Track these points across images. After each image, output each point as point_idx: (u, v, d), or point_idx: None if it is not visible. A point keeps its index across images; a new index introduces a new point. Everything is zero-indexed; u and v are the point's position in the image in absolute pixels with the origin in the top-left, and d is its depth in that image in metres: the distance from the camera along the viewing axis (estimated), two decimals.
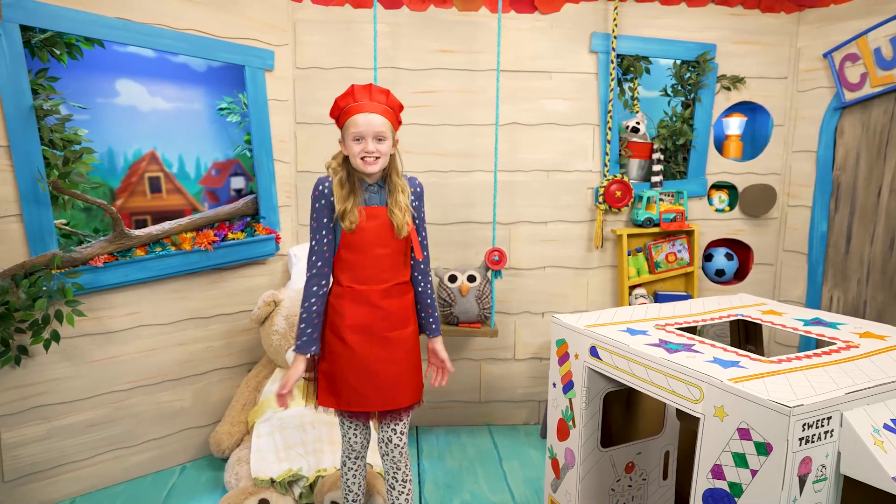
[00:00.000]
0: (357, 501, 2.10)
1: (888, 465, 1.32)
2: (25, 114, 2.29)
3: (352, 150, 1.83)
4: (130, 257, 2.56)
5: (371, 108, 1.82)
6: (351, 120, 1.82)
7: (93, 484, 2.61)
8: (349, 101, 1.84)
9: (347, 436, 2.04)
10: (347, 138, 1.83)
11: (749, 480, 1.41)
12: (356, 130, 1.81)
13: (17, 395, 2.40)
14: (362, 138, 1.81)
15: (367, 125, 1.80)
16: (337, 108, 1.88)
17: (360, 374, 1.89)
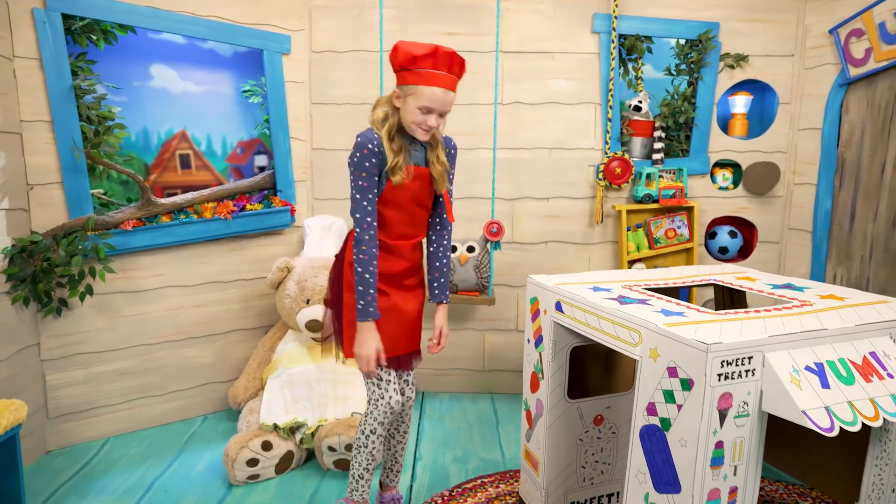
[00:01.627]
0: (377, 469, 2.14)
1: (799, 400, 1.41)
2: (66, 93, 2.58)
3: (413, 115, 1.72)
4: (157, 223, 2.84)
5: (450, 84, 1.71)
6: (428, 90, 1.68)
7: (123, 427, 2.91)
8: (429, 64, 1.68)
9: (388, 393, 1.90)
10: (413, 101, 1.70)
11: (676, 415, 1.52)
12: (430, 104, 1.70)
13: (58, 343, 2.71)
14: (430, 112, 1.72)
15: (442, 101, 1.71)
16: (412, 62, 1.68)
17: (395, 321, 1.89)
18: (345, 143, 3.30)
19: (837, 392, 1.47)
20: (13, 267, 2.46)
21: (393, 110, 1.78)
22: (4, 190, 2.44)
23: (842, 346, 1.58)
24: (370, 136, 1.75)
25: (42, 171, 2.59)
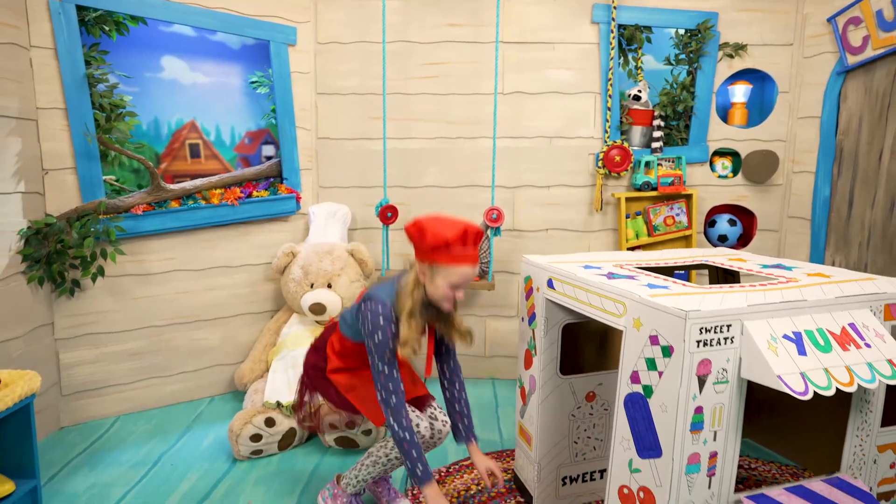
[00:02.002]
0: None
1: (775, 365, 1.45)
2: (79, 81, 2.68)
3: (443, 291, 1.79)
4: (166, 208, 2.93)
5: (475, 259, 1.81)
6: (458, 269, 1.77)
7: (133, 406, 3.01)
8: (459, 245, 1.76)
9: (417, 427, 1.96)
10: (442, 278, 1.77)
11: (657, 382, 1.57)
12: (460, 281, 1.78)
13: (71, 323, 2.81)
14: (459, 287, 1.80)
15: (469, 277, 1.80)
16: (444, 244, 1.75)
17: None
18: (349, 132, 3.38)
19: (814, 359, 1.51)
20: (29, 248, 2.56)
21: (417, 287, 1.81)
22: (21, 174, 2.54)
23: (821, 316, 1.62)
24: (388, 316, 1.79)
25: (56, 156, 2.69)
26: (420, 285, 1.81)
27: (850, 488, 1.68)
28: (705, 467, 1.57)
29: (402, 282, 1.85)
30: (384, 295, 1.82)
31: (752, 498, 1.60)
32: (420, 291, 1.81)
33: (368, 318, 1.79)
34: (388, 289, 1.85)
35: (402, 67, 3.29)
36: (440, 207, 3.36)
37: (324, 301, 2.97)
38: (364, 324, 1.81)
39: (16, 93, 2.51)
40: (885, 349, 1.60)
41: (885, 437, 1.78)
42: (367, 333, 1.80)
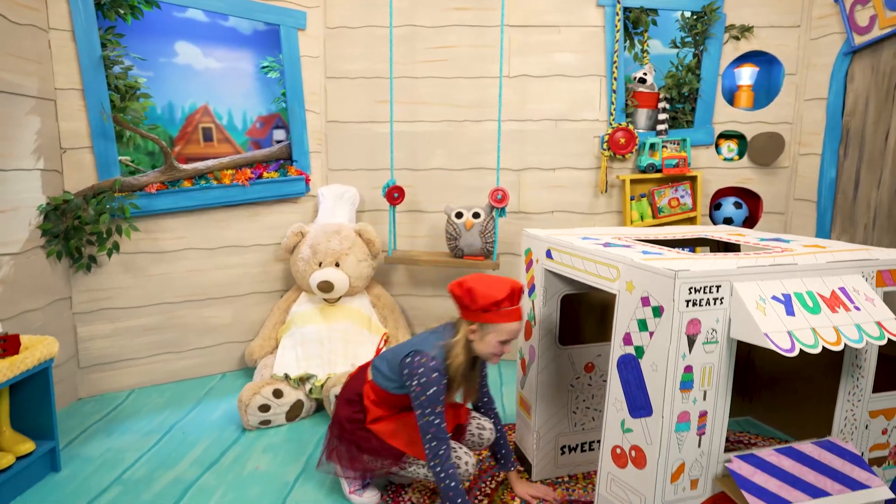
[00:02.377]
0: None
1: (763, 324, 1.49)
2: (96, 63, 2.77)
3: (493, 348, 1.87)
4: (179, 187, 3.02)
5: (521, 314, 1.89)
6: (507, 326, 1.85)
7: (147, 380, 3.10)
8: (508, 304, 1.85)
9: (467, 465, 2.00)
10: (493, 336, 1.86)
11: (648, 342, 1.61)
12: (510, 336, 1.87)
13: (88, 298, 2.91)
14: (508, 343, 1.89)
15: (518, 332, 1.89)
16: (495, 304, 1.83)
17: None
18: (357, 116, 3.44)
19: (802, 319, 1.54)
20: (47, 223, 2.65)
21: (468, 345, 1.89)
22: (40, 152, 2.64)
23: (811, 280, 1.65)
24: (440, 371, 1.85)
25: (74, 135, 2.78)
26: (469, 342, 1.89)
27: (839, 450, 1.71)
28: (695, 426, 1.61)
29: (451, 340, 1.90)
30: (433, 350, 1.88)
31: (741, 457, 1.64)
32: (467, 350, 1.90)
33: (421, 372, 1.84)
34: (435, 343, 1.91)
35: (410, 51, 3.34)
36: (447, 190, 3.41)
37: (331, 279, 3.04)
38: (413, 377, 1.85)
39: (35, 73, 2.60)
40: (875, 312, 1.62)
41: (877, 404, 1.80)
42: (419, 386, 1.83)
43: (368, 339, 3.08)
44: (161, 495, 2.13)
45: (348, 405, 2.07)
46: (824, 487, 1.62)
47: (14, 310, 2.49)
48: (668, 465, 1.60)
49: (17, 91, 2.52)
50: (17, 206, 2.52)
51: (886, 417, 1.82)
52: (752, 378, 2.76)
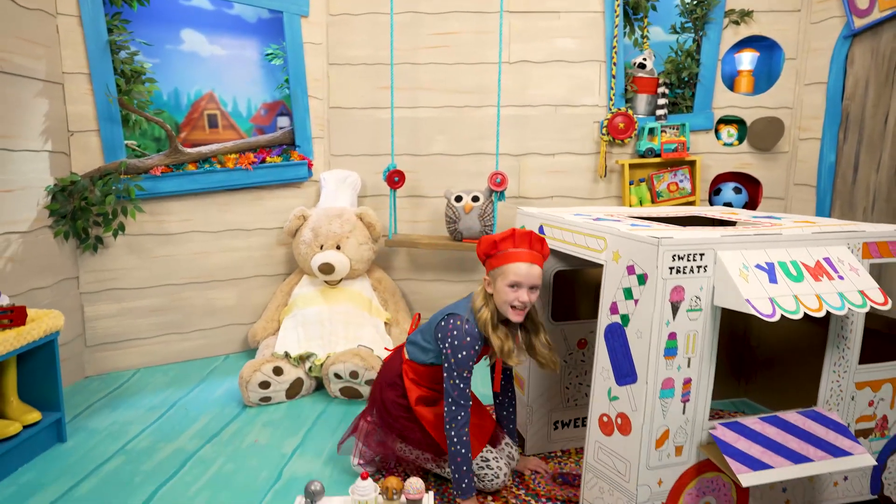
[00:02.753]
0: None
1: (744, 290, 1.51)
2: (102, 48, 2.83)
3: (504, 296, 1.80)
4: (183, 170, 3.08)
5: (532, 258, 1.81)
6: (511, 267, 1.79)
7: (152, 360, 3.17)
8: (509, 245, 1.82)
9: (500, 477, 1.97)
10: (501, 281, 1.81)
11: (633, 310, 1.63)
12: (516, 279, 1.79)
13: (95, 278, 2.97)
14: (519, 287, 1.80)
15: (527, 275, 1.79)
16: (494, 247, 1.83)
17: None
18: (359, 102, 3.48)
19: (784, 287, 1.56)
20: (55, 203, 2.72)
21: (488, 299, 1.86)
22: (48, 134, 2.71)
23: (796, 250, 1.67)
24: (474, 334, 1.82)
25: (81, 119, 2.85)
26: (489, 297, 1.86)
27: (824, 419, 1.73)
28: (679, 393, 1.63)
29: (473, 298, 1.90)
30: (465, 312, 1.87)
31: (725, 424, 1.66)
32: (491, 303, 1.85)
33: (454, 334, 1.82)
34: (465, 306, 1.90)
35: (411, 38, 3.38)
36: (447, 175, 3.45)
37: (332, 261, 3.09)
38: (446, 339, 1.84)
39: (43, 57, 2.67)
40: (858, 281, 1.64)
41: (864, 375, 1.81)
42: (451, 348, 1.82)
43: (369, 321, 3.13)
44: (162, 465, 2.19)
45: (391, 389, 2.03)
46: (806, 454, 1.64)
47: (22, 286, 2.56)
48: (653, 432, 1.63)
49: (26, 74, 2.58)
50: (25, 187, 2.59)
51: (873, 389, 1.83)
52: (748, 360, 2.77)
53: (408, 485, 1.58)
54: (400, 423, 2.01)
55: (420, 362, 2.01)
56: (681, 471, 1.68)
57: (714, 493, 1.73)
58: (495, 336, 1.83)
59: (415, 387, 2.02)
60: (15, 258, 2.53)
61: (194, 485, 2.06)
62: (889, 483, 1.92)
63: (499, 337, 1.84)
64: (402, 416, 2.01)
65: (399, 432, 2.02)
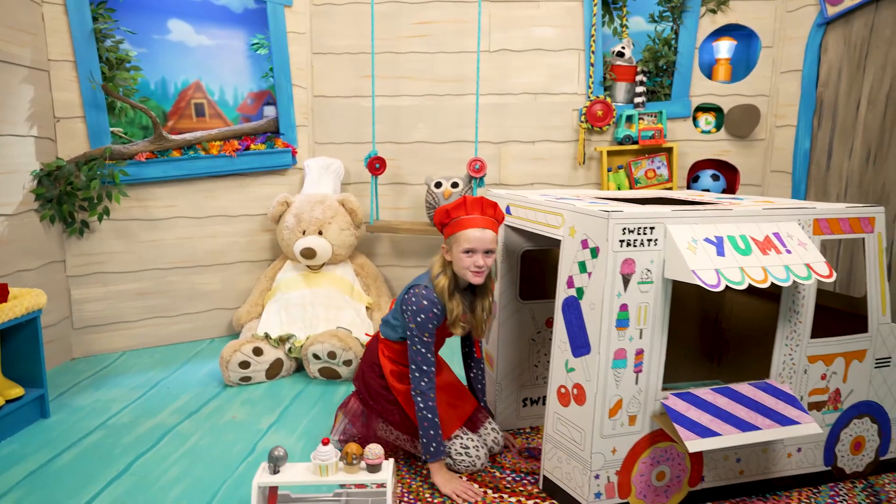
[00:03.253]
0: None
1: (691, 262, 1.56)
2: (87, 35, 2.89)
3: (462, 262, 1.87)
4: (168, 157, 3.14)
5: (484, 223, 1.87)
6: (464, 234, 1.86)
7: (139, 343, 3.23)
8: (461, 212, 1.89)
9: (478, 460, 2.01)
10: (457, 249, 1.88)
11: (587, 282, 1.69)
12: (469, 245, 1.85)
13: (81, 262, 3.04)
14: (474, 252, 1.86)
15: (480, 240, 1.85)
16: (447, 216, 1.91)
17: (445, 392, 2.05)
18: (343, 90, 3.53)
19: (732, 259, 1.62)
20: (41, 188, 2.78)
21: (446, 266, 1.93)
22: (33, 120, 2.77)
23: (746, 225, 1.72)
24: (433, 300, 1.89)
25: (67, 105, 2.91)
26: (447, 264, 1.93)
27: (774, 391, 1.78)
28: (632, 363, 1.69)
29: (431, 266, 1.97)
30: (425, 280, 1.94)
31: (677, 395, 1.72)
32: (449, 270, 1.92)
33: (413, 302, 1.89)
34: (426, 276, 1.98)
35: (393, 27, 3.43)
36: (428, 162, 3.50)
37: (314, 246, 3.14)
38: (409, 308, 1.90)
39: (29, 44, 2.73)
40: (806, 255, 1.69)
41: (816, 349, 1.87)
42: (411, 315, 1.89)
43: (350, 305, 3.19)
44: (141, 438, 2.25)
45: (371, 370, 2.08)
46: (755, 422, 1.70)
47: (8, 268, 2.62)
48: (606, 401, 1.68)
49: (11, 60, 2.64)
50: (10, 170, 2.65)
51: (825, 363, 1.89)
52: (720, 342, 2.82)
53: (367, 450, 1.64)
54: (380, 405, 2.06)
55: (393, 339, 2.06)
56: (634, 440, 1.74)
57: (668, 462, 1.79)
58: (451, 303, 1.90)
59: (390, 363, 2.08)
60: (1, 240, 2.59)
61: (170, 457, 2.13)
62: (842, 455, 1.98)
63: (454, 305, 1.91)
64: (383, 396, 2.06)
65: (379, 413, 2.07)
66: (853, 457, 1.99)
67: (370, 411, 2.07)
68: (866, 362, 1.93)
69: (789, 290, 1.80)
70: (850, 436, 1.97)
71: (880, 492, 1.92)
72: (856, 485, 1.97)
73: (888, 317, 1.93)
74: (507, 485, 1.96)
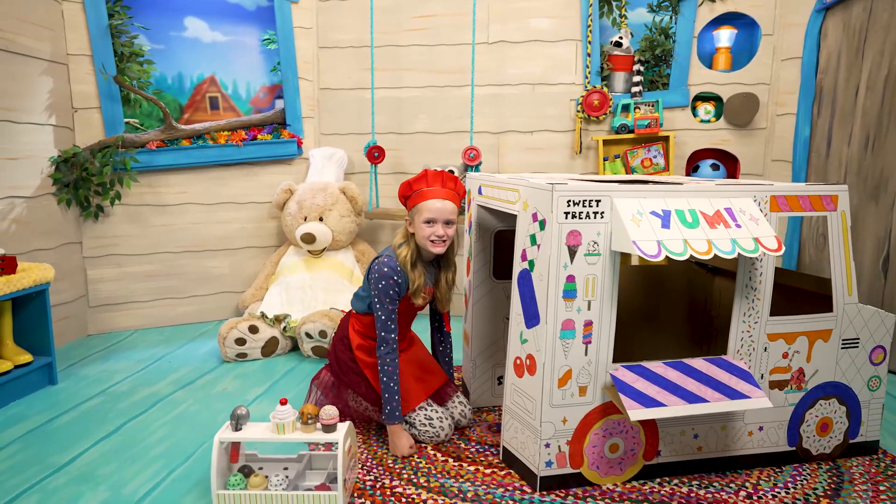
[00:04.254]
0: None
1: (633, 233, 1.60)
2: (103, 31, 3.09)
3: (423, 232, 1.94)
4: (178, 145, 3.31)
5: (444, 195, 1.95)
6: (425, 204, 1.94)
7: (149, 322, 3.41)
8: (423, 184, 1.97)
9: (442, 431, 2.06)
10: (418, 220, 1.96)
11: (537, 254, 1.74)
12: (430, 215, 1.93)
13: (97, 244, 3.24)
14: (434, 222, 1.94)
15: (440, 211, 1.93)
16: (409, 189, 2.00)
17: (415, 365, 2.15)
18: (347, 83, 3.65)
19: (676, 232, 1.64)
20: (58, 173, 2.99)
21: (409, 237, 2.01)
22: (52, 109, 2.97)
23: (698, 200, 1.74)
24: (394, 267, 1.97)
25: (84, 97, 3.11)
26: (409, 235, 2.01)
27: (728, 366, 1.79)
28: (580, 334, 1.73)
29: (395, 237, 2.05)
30: (388, 251, 2.04)
31: (627, 367, 1.75)
32: (412, 241, 2.00)
33: (375, 269, 1.98)
34: (389, 248, 2.07)
35: (395, 21, 3.53)
36: (429, 153, 3.58)
37: (314, 231, 3.26)
38: (371, 278, 1.99)
39: (48, 39, 2.94)
40: (755, 230, 1.70)
41: (776, 327, 1.86)
42: (374, 282, 1.97)
43: (348, 289, 3.29)
44: (136, 404, 2.41)
45: (341, 343, 2.16)
46: (703, 395, 1.71)
47: (26, 247, 2.82)
48: (555, 371, 1.73)
49: (32, 54, 2.85)
50: (29, 156, 2.86)
51: (787, 341, 1.88)
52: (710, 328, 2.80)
53: (322, 411, 1.72)
54: (349, 377, 2.15)
55: (361, 311, 2.15)
56: (585, 410, 1.77)
57: (622, 434, 1.82)
58: (413, 273, 1.98)
59: (358, 337, 2.16)
60: (19, 220, 2.80)
61: (159, 420, 2.27)
62: (808, 436, 1.96)
63: (416, 275, 1.99)
64: (351, 369, 2.14)
65: (348, 385, 2.16)
66: (820, 438, 1.97)
67: (340, 383, 2.16)
68: (832, 342, 1.91)
69: (745, 266, 1.81)
70: (815, 416, 1.95)
71: (845, 473, 1.90)
72: (821, 466, 1.95)
73: (855, 297, 1.91)
74: (469, 455, 2.01)
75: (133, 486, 1.83)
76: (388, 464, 1.95)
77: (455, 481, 1.85)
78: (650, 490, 1.80)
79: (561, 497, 1.76)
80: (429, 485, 1.83)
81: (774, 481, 1.86)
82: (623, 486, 1.82)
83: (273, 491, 1.68)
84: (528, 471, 1.82)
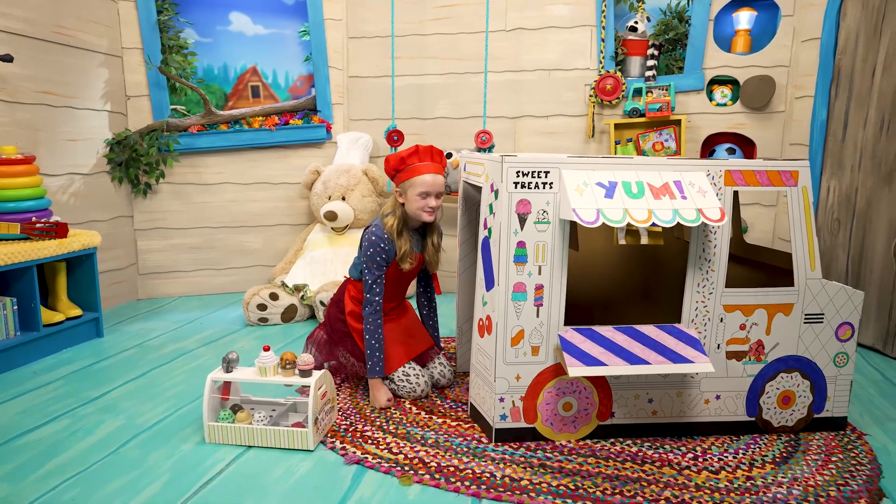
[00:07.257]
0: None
1: (575, 202, 1.71)
2: (152, 26, 3.44)
3: (415, 203, 2.11)
4: (216, 129, 3.64)
5: (435, 169, 2.13)
6: (419, 179, 2.10)
7: (191, 290, 3.77)
8: (415, 160, 2.13)
9: (418, 387, 2.23)
10: (411, 192, 2.11)
11: (493, 222, 1.88)
12: (424, 188, 2.10)
13: (145, 218, 3.62)
14: (428, 195, 2.12)
15: (433, 184, 2.11)
16: (402, 163, 2.13)
17: (401, 330, 2.32)
18: (374, 71, 3.86)
19: (619, 202, 1.74)
20: (111, 153, 3.37)
21: (397, 207, 2.18)
22: (108, 97, 3.35)
23: (648, 173, 1.82)
24: (381, 236, 2.14)
25: (135, 86, 3.48)
26: (398, 206, 2.18)
27: (678, 333, 1.87)
28: (532, 297, 1.86)
29: (386, 208, 2.22)
30: (377, 221, 2.23)
31: (578, 329, 1.86)
32: (399, 211, 2.17)
33: (365, 237, 2.17)
34: (378, 218, 2.26)
35: (419, 11, 3.70)
36: (449, 136, 3.74)
37: (336, 209, 3.50)
38: (362, 245, 2.19)
39: (105, 34, 3.31)
40: (701, 201, 1.77)
41: (732, 299, 1.91)
42: (362, 249, 2.18)
43: None
44: (164, 355, 2.73)
45: (334, 306, 2.38)
46: (646, 358, 1.80)
47: (84, 217, 3.22)
48: (508, 330, 1.87)
49: (92, 48, 3.23)
50: (87, 138, 3.24)
51: (744, 313, 1.92)
52: None
53: (299, 359, 1.94)
54: (338, 336, 2.37)
55: (356, 278, 2.35)
56: (538, 369, 1.90)
57: (575, 394, 1.93)
58: (399, 241, 2.16)
59: (351, 303, 2.37)
60: (78, 194, 3.19)
61: (180, 369, 2.57)
62: (767, 407, 2.00)
63: (402, 242, 2.16)
64: (342, 329, 2.35)
65: (338, 343, 2.38)
66: (781, 410, 2.00)
67: (331, 341, 2.38)
68: (793, 316, 1.94)
69: (699, 237, 1.87)
70: (776, 389, 1.98)
71: (802, 444, 1.93)
72: (780, 437, 1.98)
73: (818, 272, 1.93)
74: (441, 410, 2.18)
75: (145, 418, 2.12)
76: (367, 413, 2.15)
77: (421, 430, 2.03)
78: (601, 447, 1.91)
79: (513, 448, 1.90)
80: (396, 431, 2.01)
81: (727, 447, 1.92)
82: (575, 443, 1.93)
83: (255, 425, 1.92)
84: (487, 424, 1.97)
